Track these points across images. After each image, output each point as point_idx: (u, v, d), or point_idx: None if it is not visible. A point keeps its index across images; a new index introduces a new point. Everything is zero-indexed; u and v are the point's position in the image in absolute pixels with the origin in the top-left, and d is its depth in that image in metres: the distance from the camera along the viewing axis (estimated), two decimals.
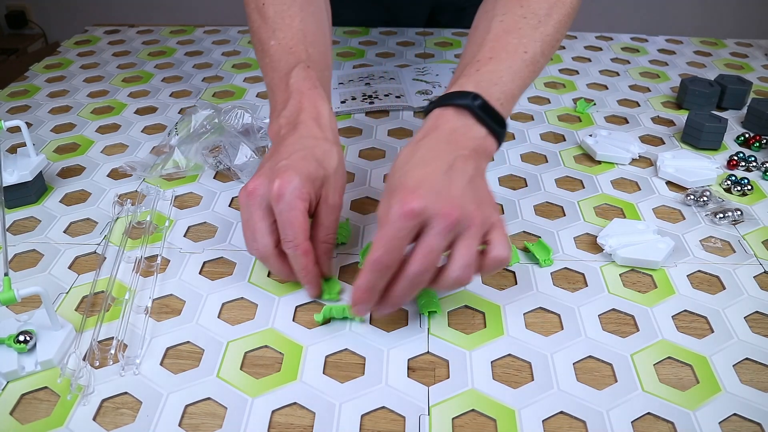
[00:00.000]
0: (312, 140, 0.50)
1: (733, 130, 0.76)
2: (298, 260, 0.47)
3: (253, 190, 0.47)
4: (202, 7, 2.54)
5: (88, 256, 0.55)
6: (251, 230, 0.48)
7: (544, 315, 0.49)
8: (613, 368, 0.44)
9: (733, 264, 0.54)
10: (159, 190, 0.63)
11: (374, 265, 0.41)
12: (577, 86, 0.87)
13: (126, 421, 0.40)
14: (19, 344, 0.43)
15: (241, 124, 0.70)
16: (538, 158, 0.70)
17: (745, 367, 0.44)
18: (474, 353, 0.45)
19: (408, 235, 0.41)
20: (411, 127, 0.76)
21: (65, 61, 0.96)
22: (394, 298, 0.43)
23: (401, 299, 0.43)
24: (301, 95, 0.52)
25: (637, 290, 0.51)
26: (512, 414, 0.41)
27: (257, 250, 0.48)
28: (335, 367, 0.44)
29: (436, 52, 0.98)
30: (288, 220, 0.46)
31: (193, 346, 0.46)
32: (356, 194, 0.63)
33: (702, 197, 0.61)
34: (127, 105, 0.82)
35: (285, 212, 0.46)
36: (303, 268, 0.47)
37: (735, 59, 0.98)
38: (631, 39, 1.05)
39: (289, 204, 0.45)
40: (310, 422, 0.40)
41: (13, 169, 0.59)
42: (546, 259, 0.53)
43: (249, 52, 0.99)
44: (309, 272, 0.48)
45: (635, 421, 0.40)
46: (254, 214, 0.47)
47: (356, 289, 0.43)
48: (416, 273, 0.41)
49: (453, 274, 0.42)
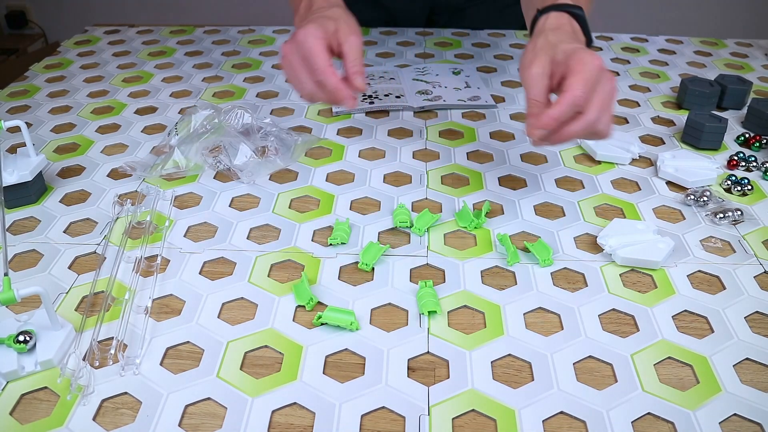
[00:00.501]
0: (323, 9, 0.63)
1: (733, 130, 0.76)
2: (328, 82, 0.58)
3: (287, 51, 0.60)
4: (202, 7, 2.54)
5: (88, 256, 0.55)
6: (296, 79, 0.60)
7: (544, 315, 0.49)
8: (613, 368, 0.44)
9: (733, 264, 0.54)
10: (159, 190, 0.63)
11: (574, 100, 0.51)
12: None
13: (126, 421, 0.40)
14: (19, 344, 0.43)
15: (241, 124, 0.70)
16: (538, 158, 0.70)
17: (745, 367, 0.44)
18: (474, 353, 0.45)
19: (597, 82, 0.53)
20: (411, 127, 0.76)
21: (65, 61, 0.96)
22: (567, 134, 0.54)
23: (574, 137, 0.54)
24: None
25: (637, 290, 0.51)
26: (512, 414, 0.41)
27: (304, 90, 0.60)
28: (335, 367, 0.44)
29: (435, 52, 0.98)
30: (308, 52, 0.58)
31: (193, 346, 0.46)
32: (356, 194, 0.63)
33: (702, 197, 0.61)
34: (127, 105, 0.82)
35: (306, 49, 0.58)
36: (333, 89, 0.58)
37: (735, 59, 0.98)
38: (631, 39, 1.05)
39: (308, 43, 0.58)
40: (310, 422, 0.40)
41: (13, 169, 0.59)
42: (546, 259, 0.53)
43: (249, 52, 0.99)
44: (339, 90, 0.58)
45: (635, 421, 0.40)
46: (294, 64, 0.60)
47: (547, 117, 0.52)
48: (595, 117, 0.52)
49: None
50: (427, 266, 0.54)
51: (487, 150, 0.71)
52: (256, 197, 0.63)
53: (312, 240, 0.56)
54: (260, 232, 0.58)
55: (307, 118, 0.78)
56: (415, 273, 0.53)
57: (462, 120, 0.78)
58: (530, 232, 0.58)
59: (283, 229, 0.58)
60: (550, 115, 0.52)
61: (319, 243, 0.56)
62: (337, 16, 0.61)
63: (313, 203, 0.62)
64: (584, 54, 0.53)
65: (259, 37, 1.05)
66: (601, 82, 0.53)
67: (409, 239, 0.57)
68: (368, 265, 0.53)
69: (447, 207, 0.61)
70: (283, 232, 0.58)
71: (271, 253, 0.55)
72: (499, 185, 0.65)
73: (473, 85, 0.86)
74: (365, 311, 0.49)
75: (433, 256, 0.55)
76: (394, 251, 0.55)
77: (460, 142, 0.73)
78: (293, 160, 0.68)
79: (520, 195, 0.63)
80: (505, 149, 0.71)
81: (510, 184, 0.65)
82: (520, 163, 0.69)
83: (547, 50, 0.55)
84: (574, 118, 0.53)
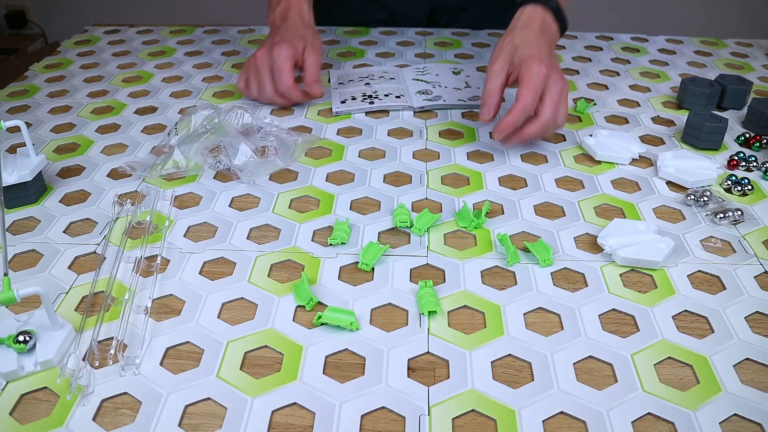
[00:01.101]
0: (297, 28, 0.78)
1: (734, 130, 0.76)
2: (291, 95, 0.76)
3: (260, 56, 0.76)
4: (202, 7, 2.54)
5: (87, 256, 0.55)
6: (259, 83, 0.77)
7: (544, 315, 0.49)
8: (613, 368, 0.44)
9: (733, 264, 0.54)
10: (159, 190, 0.63)
11: (524, 108, 0.63)
12: (578, 86, 0.87)
13: (126, 421, 0.40)
14: (19, 344, 0.43)
15: (241, 124, 0.70)
16: (538, 158, 0.70)
17: (746, 367, 0.44)
18: (474, 353, 0.45)
19: (546, 88, 0.64)
20: (411, 127, 0.76)
21: (65, 61, 0.96)
22: (526, 134, 0.65)
23: (532, 137, 0.66)
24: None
25: (637, 290, 0.51)
26: (512, 414, 0.41)
27: (264, 93, 0.77)
28: (335, 367, 0.44)
29: (436, 52, 0.98)
30: (279, 70, 0.75)
31: (193, 346, 0.46)
32: (356, 194, 0.63)
33: (702, 197, 0.61)
34: (127, 105, 0.82)
35: (277, 67, 0.75)
36: (296, 99, 0.77)
37: (735, 59, 0.98)
38: (631, 39, 1.05)
39: (279, 61, 0.74)
40: (310, 422, 0.40)
41: (13, 169, 0.59)
42: (546, 259, 0.53)
43: (249, 52, 0.99)
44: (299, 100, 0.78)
45: (635, 421, 0.40)
46: (261, 72, 0.76)
47: (503, 123, 0.64)
48: (549, 117, 0.64)
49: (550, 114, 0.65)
50: (427, 266, 0.54)
51: (487, 150, 0.71)
52: (256, 197, 0.63)
53: (312, 240, 0.56)
54: (260, 232, 0.58)
55: (307, 118, 0.78)
56: (415, 273, 0.53)
57: (462, 120, 0.78)
58: (530, 232, 0.58)
59: (283, 229, 0.58)
60: (507, 121, 0.64)
61: (319, 243, 0.56)
62: (306, 37, 0.77)
63: (313, 203, 0.62)
64: (532, 64, 0.63)
65: (259, 37, 1.05)
66: (549, 86, 0.63)
67: (409, 239, 0.57)
68: (368, 265, 0.53)
69: (447, 207, 0.61)
70: (283, 232, 0.58)
71: (271, 253, 0.55)
72: (499, 185, 0.65)
73: (473, 85, 0.86)
74: (365, 311, 0.49)
75: (433, 256, 0.55)
76: (394, 251, 0.55)
77: (460, 142, 0.73)
78: (293, 160, 0.68)
79: (520, 195, 0.63)
80: (505, 149, 0.71)
81: (510, 184, 0.65)
82: (520, 163, 0.69)
83: (510, 51, 0.67)
84: (530, 120, 0.65)
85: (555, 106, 0.64)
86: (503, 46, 0.68)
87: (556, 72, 0.65)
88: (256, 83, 0.77)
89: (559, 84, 0.64)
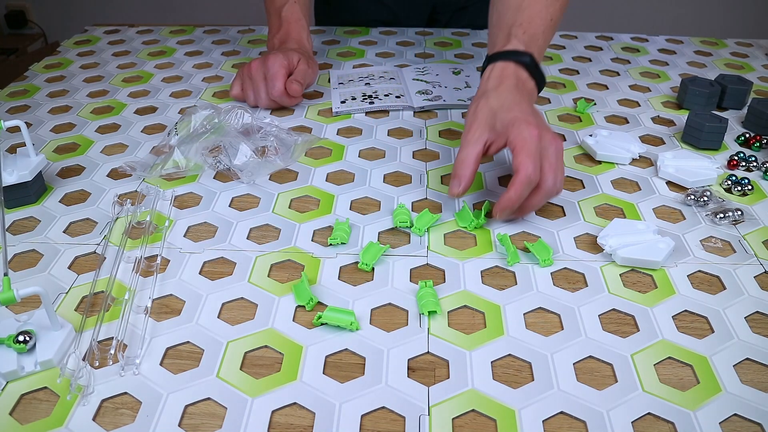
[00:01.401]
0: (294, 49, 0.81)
1: (734, 130, 0.76)
2: (283, 101, 0.78)
3: (254, 65, 0.79)
4: (202, 7, 2.54)
5: (87, 256, 0.55)
6: (255, 88, 0.78)
7: (544, 315, 0.49)
8: (613, 368, 0.44)
9: (733, 264, 0.54)
10: (159, 190, 0.63)
11: (527, 179, 0.54)
12: (578, 86, 0.87)
13: (126, 421, 0.40)
14: (19, 344, 0.43)
15: (241, 124, 0.70)
16: None
17: (746, 367, 0.44)
18: (474, 353, 0.45)
19: (542, 151, 0.56)
20: (411, 127, 0.76)
21: (65, 61, 0.95)
22: (529, 208, 0.57)
23: (536, 207, 0.58)
24: (289, 24, 0.85)
25: (637, 290, 0.51)
26: (512, 414, 0.41)
27: (259, 98, 0.79)
28: (335, 367, 0.44)
29: (436, 52, 0.98)
30: (273, 77, 0.77)
31: (193, 346, 0.46)
32: (356, 194, 0.63)
33: (702, 197, 0.61)
34: (127, 105, 0.82)
35: (272, 74, 0.77)
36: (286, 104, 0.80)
37: (735, 59, 0.98)
38: (631, 39, 1.05)
39: (274, 69, 0.77)
40: (310, 422, 0.40)
41: (13, 169, 0.59)
42: (546, 259, 0.53)
43: (249, 52, 0.99)
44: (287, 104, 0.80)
45: (635, 421, 0.40)
46: (255, 78, 0.78)
47: (506, 200, 0.55)
48: (552, 185, 0.55)
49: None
50: (427, 266, 0.54)
51: None
52: (256, 197, 0.63)
53: (312, 240, 0.56)
54: (260, 232, 0.58)
55: (307, 118, 0.78)
56: (415, 273, 0.53)
57: (462, 120, 0.78)
58: (530, 232, 0.58)
59: (283, 229, 0.58)
60: (510, 197, 0.55)
61: (319, 243, 0.56)
62: (303, 53, 0.82)
63: (313, 203, 0.62)
64: (521, 128, 0.55)
65: (259, 37, 1.05)
66: (546, 149, 0.55)
67: (409, 239, 0.57)
68: (368, 265, 0.53)
69: (447, 207, 0.61)
70: (283, 232, 0.58)
71: (271, 253, 0.55)
72: (499, 185, 0.65)
73: (473, 85, 0.86)
74: (365, 311, 0.49)
75: (433, 256, 0.55)
76: (394, 251, 0.55)
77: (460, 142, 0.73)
78: (293, 160, 0.68)
79: None
80: (504, 149, 0.71)
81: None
82: None
83: (488, 117, 0.58)
84: (533, 192, 0.56)
85: (555, 171, 0.55)
86: (477, 111, 0.59)
87: (548, 132, 0.57)
88: (251, 90, 0.79)
89: (553, 145, 0.56)
